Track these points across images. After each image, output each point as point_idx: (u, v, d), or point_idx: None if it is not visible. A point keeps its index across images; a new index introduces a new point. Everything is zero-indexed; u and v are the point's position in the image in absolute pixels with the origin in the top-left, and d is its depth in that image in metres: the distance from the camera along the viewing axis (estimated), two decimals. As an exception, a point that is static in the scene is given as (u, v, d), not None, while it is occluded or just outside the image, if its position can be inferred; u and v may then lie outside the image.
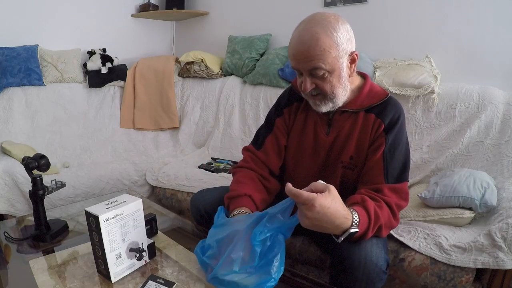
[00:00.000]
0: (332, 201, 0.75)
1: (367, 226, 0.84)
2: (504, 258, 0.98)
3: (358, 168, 1.01)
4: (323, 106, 0.99)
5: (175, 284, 0.83)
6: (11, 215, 1.75)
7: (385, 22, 1.93)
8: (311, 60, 0.90)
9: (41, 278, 0.87)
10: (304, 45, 0.90)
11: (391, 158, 0.96)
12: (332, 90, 0.95)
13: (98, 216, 0.79)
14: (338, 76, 0.94)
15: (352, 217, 0.80)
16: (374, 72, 1.80)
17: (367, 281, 0.85)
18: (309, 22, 0.92)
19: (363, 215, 0.83)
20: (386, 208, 0.90)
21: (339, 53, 0.91)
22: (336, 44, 0.90)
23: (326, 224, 0.76)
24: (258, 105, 2.23)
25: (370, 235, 0.85)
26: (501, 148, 1.44)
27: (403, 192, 0.95)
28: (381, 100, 1.00)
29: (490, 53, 1.63)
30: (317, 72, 0.92)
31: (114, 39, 2.75)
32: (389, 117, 0.98)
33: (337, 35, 0.89)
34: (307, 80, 0.94)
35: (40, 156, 1.12)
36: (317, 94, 0.97)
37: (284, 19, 2.36)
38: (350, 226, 0.80)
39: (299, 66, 0.94)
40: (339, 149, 1.03)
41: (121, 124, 2.56)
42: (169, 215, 1.31)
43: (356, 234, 0.82)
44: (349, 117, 1.02)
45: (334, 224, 0.77)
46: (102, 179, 1.94)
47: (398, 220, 0.94)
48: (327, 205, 0.74)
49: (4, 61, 2.14)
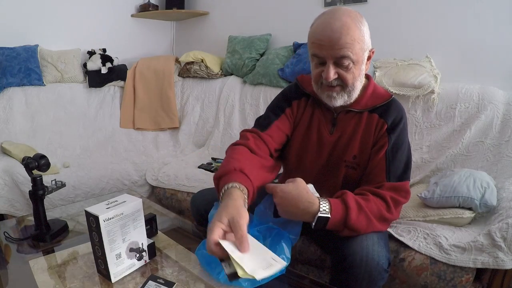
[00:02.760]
0: (293, 187, 0.84)
1: (343, 213, 0.86)
2: (504, 258, 0.98)
3: (361, 168, 1.02)
4: (339, 99, 0.98)
5: (175, 284, 0.83)
6: (11, 215, 1.75)
7: (385, 22, 1.93)
8: (341, 48, 0.89)
9: (41, 278, 0.87)
10: (336, 32, 0.89)
11: (393, 158, 0.97)
12: (353, 81, 0.95)
13: (98, 216, 0.79)
14: (360, 68, 0.95)
15: (320, 203, 0.85)
16: (374, 72, 1.79)
17: (368, 279, 0.85)
18: (337, 12, 0.92)
19: (335, 202, 0.87)
20: (377, 200, 0.91)
21: (364, 46, 0.93)
22: (363, 37, 0.92)
23: (291, 208, 0.84)
24: (258, 105, 2.23)
25: (355, 223, 0.86)
26: (501, 148, 1.44)
27: (403, 190, 0.95)
28: (385, 101, 1.02)
29: (490, 53, 1.63)
30: (343, 61, 0.91)
31: (114, 39, 2.75)
32: (392, 118, 0.99)
33: (364, 29, 0.93)
34: (330, 68, 0.92)
35: (40, 156, 1.12)
36: (337, 85, 0.96)
37: (284, 19, 2.36)
38: (318, 211, 0.84)
39: (326, 53, 0.91)
40: (342, 148, 1.04)
41: (121, 124, 2.56)
42: (169, 215, 1.31)
43: (330, 220, 0.85)
44: (353, 117, 1.03)
45: (299, 208, 0.84)
46: (102, 179, 1.94)
47: (393, 215, 0.93)
48: (287, 191, 0.84)
49: (4, 61, 2.14)
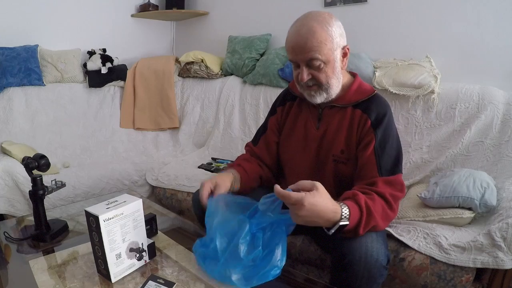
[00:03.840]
0: (320, 198, 0.80)
1: (358, 218, 0.86)
2: (503, 258, 0.98)
3: (351, 162, 1.05)
4: (318, 96, 1.05)
5: (175, 284, 0.83)
6: (11, 215, 1.74)
7: (385, 22, 1.93)
8: (309, 51, 0.97)
9: (41, 278, 0.88)
10: (302, 37, 0.97)
11: (382, 152, 0.99)
12: (327, 80, 1.02)
13: (98, 216, 0.79)
14: (333, 67, 1.01)
15: (341, 210, 0.84)
16: (374, 72, 1.79)
17: (368, 276, 0.86)
18: (305, 18, 1.00)
19: (353, 208, 0.86)
20: (379, 199, 0.92)
21: (333, 45, 0.98)
22: (331, 38, 0.97)
23: (316, 219, 0.81)
24: (258, 105, 2.23)
25: (364, 227, 0.87)
26: (501, 148, 1.44)
27: (398, 184, 0.97)
28: (367, 96, 1.06)
29: (490, 53, 1.63)
30: (313, 62, 0.98)
31: (114, 39, 2.75)
32: (375, 113, 1.03)
33: (331, 29, 0.97)
34: (304, 70, 1.01)
35: (40, 156, 1.13)
36: (313, 85, 1.03)
37: (284, 19, 2.33)
38: (340, 219, 0.83)
39: (297, 57, 1.00)
40: (329, 142, 1.08)
41: (121, 124, 2.56)
42: (169, 215, 1.31)
43: (347, 226, 0.84)
44: (338, 112, 1.08)
45: (324, 219, 0.82)
46: (102, 179, 1.94)
47: (395, 211, 0.95)
48: (315, 203, 0.79)
49: (4, 61, 2.14)
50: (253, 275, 0.79)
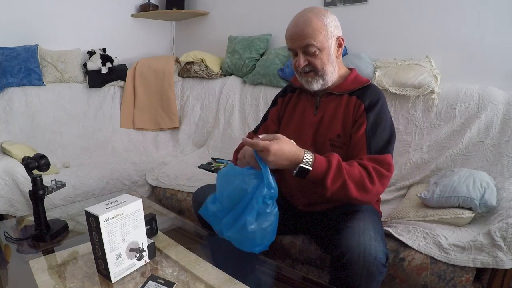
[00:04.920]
0: (284, 144, 0.91)
1: (325, 169, 0.93)
2: (503, 258, 0.98)
3: (347, 147, 1.09)
4: (315, 83, 1.12)
5: (175, 284, 0.83)
6: (11, 215, 1.74)
7: (385, 22, 1.93)
8: (305, 38, 1.05)
9: (41, 278, 0.88)
10: (299, 26, 1.06)
11: (373, 135, 1.04)
12: (322, 66, 1.09)
13: (98, 216, 0.79)
14: (328, 54, 1.09)
15: (304, 155, 0.92)
16: (374, 72, 1.79)
17: (367, 274, 0.87)
18: (303, 11, 1.09)
19: (320, 159, 0.94)
20: (359, 167, 0.97)
21: (328, 34, 1.07)
22: (325, 27, 1.06)
23: (283, 161, 0.91)
24: (258, 105, 2.23)
25: (332, 181, 0.92)
26: (501, 148, 1.44)
27: (385, 163, 1.00)
28: (363, 85, 1.13)
29: (490, 53, 1.63)
30: (309, 49, 1.06)
31: (114, 39, 2.75)
32: (369, 99, 1.09)
33: (326, 20, 1.06)
34: (300, 57, 1.08)
35: (40, 156, 1.13)
36: (310, 71, 1.10)
37: (284, 19, 2.32)
38: (301, 161, 0.92)
39: (294, 45, 1.09)
40: (326, 127, 1.13)
41: (121, 124, 2.56)
42: (169, 215, 1.31)
43: (311, 174, 0.92)
44: (334, 99, 1.14)
45: (289, 160, 0.91)
46: (102, 179, 1.94)
47: (375, 186, 0.97)
48: (280, 148, 0.90)
49: (4, 61, 2.14)
50: (243, 243, 0.92)
